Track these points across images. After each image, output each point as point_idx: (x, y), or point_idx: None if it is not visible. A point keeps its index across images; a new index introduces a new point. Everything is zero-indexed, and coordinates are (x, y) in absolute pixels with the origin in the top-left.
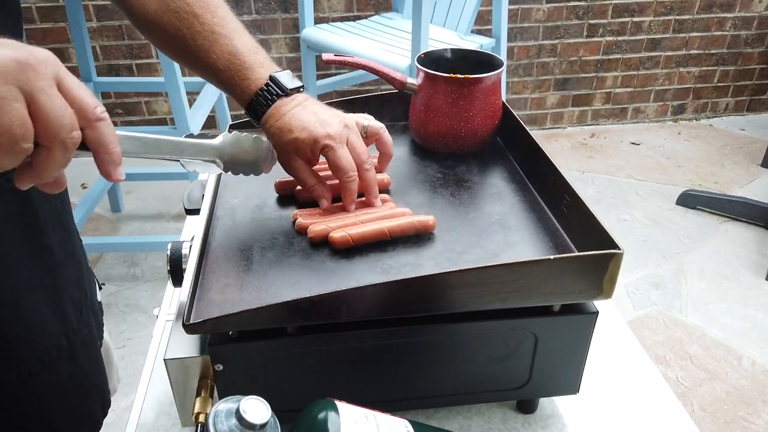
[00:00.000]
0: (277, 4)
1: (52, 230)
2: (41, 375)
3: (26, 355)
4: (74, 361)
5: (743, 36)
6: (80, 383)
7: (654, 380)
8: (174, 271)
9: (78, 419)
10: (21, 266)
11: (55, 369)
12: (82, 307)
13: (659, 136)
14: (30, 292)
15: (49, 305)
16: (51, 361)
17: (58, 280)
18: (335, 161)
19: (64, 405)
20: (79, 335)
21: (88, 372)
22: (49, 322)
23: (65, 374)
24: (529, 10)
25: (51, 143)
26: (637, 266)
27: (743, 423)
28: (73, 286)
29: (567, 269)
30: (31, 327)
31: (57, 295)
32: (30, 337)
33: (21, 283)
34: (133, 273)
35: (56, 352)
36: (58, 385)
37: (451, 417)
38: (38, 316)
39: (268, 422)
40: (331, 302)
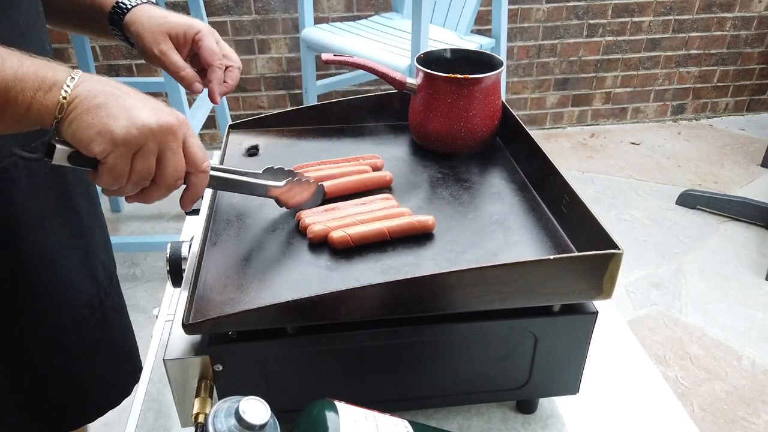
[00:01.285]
0: (276, 4)
1: (80, 197)
2: (73, 333)
3: (59, 312)
4: (105, 324)
5: (743, 36)
6: (110, 347)
7: (654, 380)
8: (173, 272)
9: (107, 382)
10: (55, 226)
11: (86, 329)
12: (112, 273)
13: (659, 136)
14: (64, 252)
15: (82, 267)
16: (83, 320)
17: (89, 244)
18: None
19: (94, 366)
20: (109, 300)
21: (118, 337)
22: (82, 283)
23: (96, 335)
24: (529, 10)
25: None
26: (637, 266)
27: (743, 423)
28: (102, 252)
29: (567, 269)
30: (64, 285)
31: (88, 258)
32: (63, 295)
33: (55, 243)
34: (133, 273)
35: (88, 312)
36: (89, 346)
37: (451, 417)
38: (71, 276)
39: (268, 422)
40: (330, 302)
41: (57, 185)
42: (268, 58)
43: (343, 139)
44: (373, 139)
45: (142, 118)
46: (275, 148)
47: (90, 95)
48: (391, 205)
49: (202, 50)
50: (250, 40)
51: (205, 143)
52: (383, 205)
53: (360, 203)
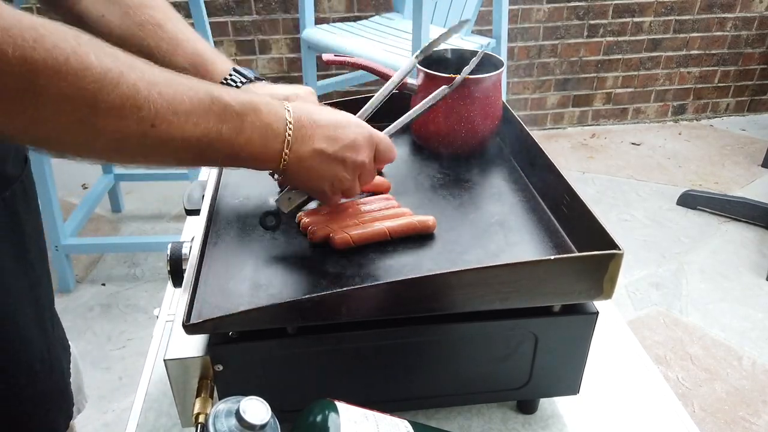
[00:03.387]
0: (277, 4)
1: (32, 247)
2: (27, 388)
3: (16, 368)
4: (53, 374)
5: (744, 36)
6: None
7: (654, 381)
8: (174, 272)
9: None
10: (13, 281)
11: (37, 381)
12: (54, 322)
13: (660, 137)
14: (21, 307)
15: (35, 319)
16: (35, 373)
17: (40, 295)
18: None
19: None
20: (54, 349)
21: (60, 384)
22: (35, 335)
23: (45, 387)
24: (530, 11)
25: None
26: (638, 266)
27: (744, 423)
28: (46, 298)
29: (567, 269)
30: (21, 341)
31: (39, 310)
32: (19, 351)
33: (14, 298)
34: (134, 273)
35: (39, 365)
36: (39, 397)
37: (452, 417)
38: (27, 330)
39: (268, 423)
40: (331, 302)
41: (13, 240)
42: (269, 59)
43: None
44: None
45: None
46: None
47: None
48: (392, 205)
49: None
50: (251, 40)
51: None
52: (384, 205)
53: (361, 203)
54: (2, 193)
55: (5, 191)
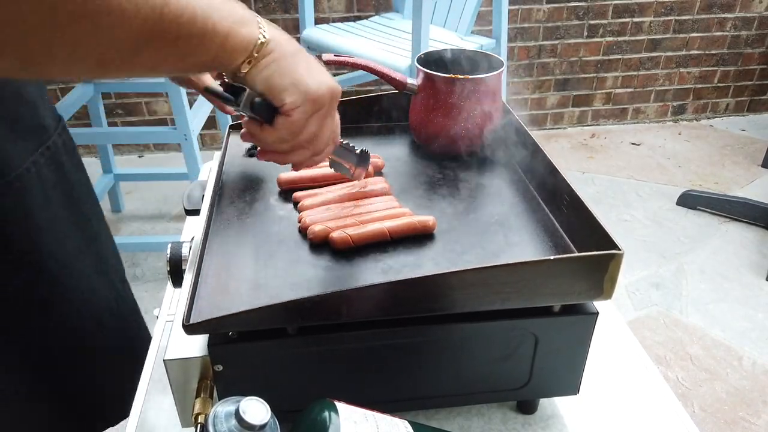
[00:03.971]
0: (277, 4)
1: (85, 202)
2: (96, 337)
3: (82, 317)
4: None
5: (743, 36)
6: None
7: (654, 381)
8: (174, 272)
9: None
10: (68, 233)
11: (108, 333)
12: (123, 278)
13: (659, 137)
14: (81, 258)
15: (97, 271)
16: (104, 324)
17: (100, 249)
18: None
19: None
20: (125, 304)
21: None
22: (100, 287)
23: (117, 340)
24: (530, 11)
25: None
26: (638, 267)
27: (744, 423)
28: (112, 257)
29: (567, 270)
30: (85, 290)
31: (102, 263)
32: (85, 300)
33: (72, 249)
34: (134, 273)
35: (108, 317)
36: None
37: (452, 418)
38: (90, 281)
39: (268, 423)
40: (331, 302)
41: (63, 189)
42: None
43: (344, 139)
44: (374, 139)
45: (327, 79)
46: None
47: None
48: (392, 205)
49: None
50: None
51: (205, 143)
52: (384, 205)
53: (361, 203)
54: (45, 141)
55: (47, 140)
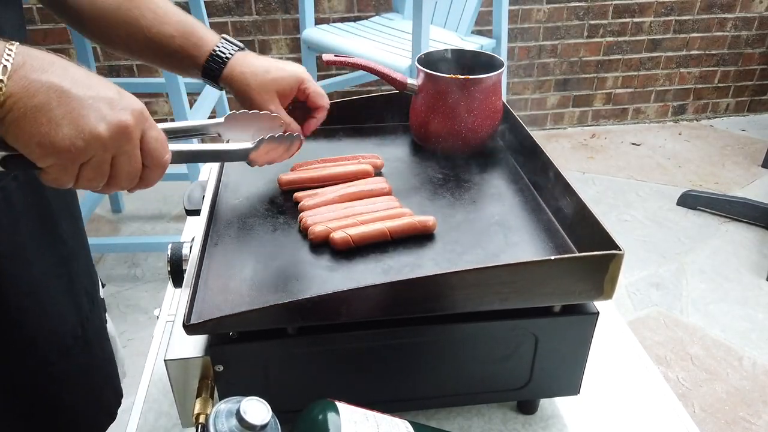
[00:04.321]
0: (277, 4)
1: (63, 221)
2: (58, 363)
3: (45, 344)
4: (89, 351)
5: (744, 36)
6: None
7: (654, 381)
8: (174, 272)
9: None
10: (38, 256)
11: (71, 358)
12: (93, 297)
13: (660, 137)
14: (47, 282)
15: (65, 294)
16: (68, 350)
17: (72, 270)
18: (317, 90)
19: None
20: (91, 326)
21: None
22: (66, 311)
23: (81, 363)
24: (530, 11)
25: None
26: (638, 267)
27: (744, 424)
28: (85, 276)
29: (567, 270)
30: (49, 316)
31: (72, 284)
32: (49, 326)
33: (39, 273)
34: (134, 274)
35: (72, 341)
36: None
37: (452, 418)
38: (56, 305)
39: (269, 423)
40: (331, 303)
41: (38, 212)
42: None
43: (344, 139)
44: (374, 139)
45: (89, 125)
46: None
47: (27, 94)
48: (392, 205)
49: (311, 96)
50: (251, 40)
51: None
52: (384, 206)
53: (361, 203)
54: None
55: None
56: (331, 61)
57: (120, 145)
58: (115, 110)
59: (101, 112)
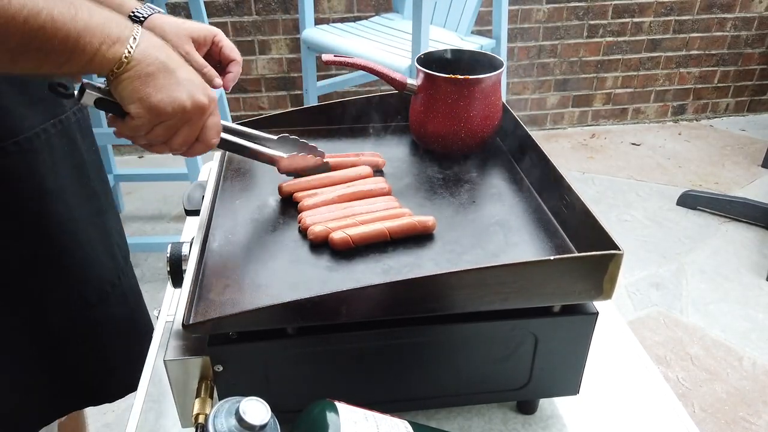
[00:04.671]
0: (277, 4)
1: (95, 178)
2: (97, 308)
3: (84, 286)
4: (126, 303)
5: (743, 36)
6: (131, 326)
7: (654, 381)
8: (174, 272)
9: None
10: (76, 203)
11: (109, 305)
12: (126, 256)
13: (659, 137)
14: (86, 228)
15: (102, 244)
16: (106, 296)
17: (107, 223)
18: (230, 44)
19: (117, 343)
20: (126, 279)
21: (137, 317)
22: (103, 259)
23: (119, 312)
24: (530, 11)
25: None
26: (638, 267)
27: (744, 424)
28: (117, 234)
29: (567, 270)
30: (88, 260)
31: (107, 236)
32: (87, 269)
33: (79, 218)
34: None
35: (110, 288)
36: (113, 322)
37: (452, 418)
38: (94, 251)
39: (268, 423)
40: (331, 303)
41: (73, 162)
42: (269, 59)
43: (344, 139)
44: (374, 139)
45: (181, 97)
46: None
47: (145, 62)
48: (392, 205)
49: (224, 48)
50: (250, 40)
51: None
52: (384, 206)
53: (361, 203)
54: (59, 114)
55: (61, 114)
56: (331, 61)
57: (192, 118)
58: (199, 93)
59: (190, 91)
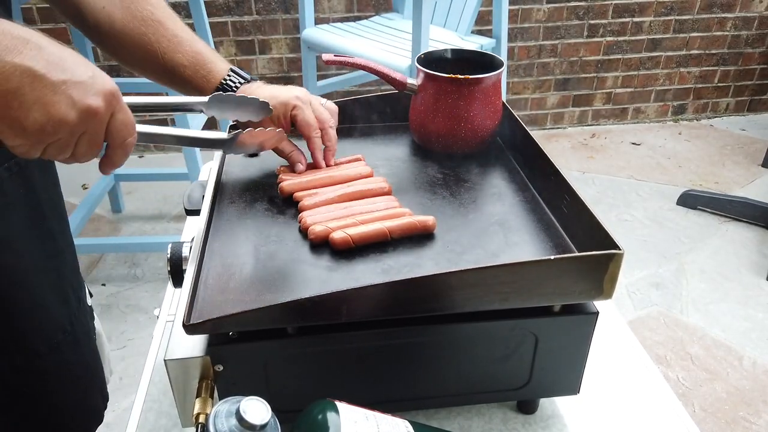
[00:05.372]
0: (277, 4)
1: (52, 217)
2: (47, 358)
3: (34, 336)
4: (77, 348)
5: (744, 36)
6: (82, 371)
7: (654, 381)
8: (174, 272)
9: (82, 408)
10: (28, 248)
11: (60, 353)
12: (80, 297)
13: (660, 137)
14: (37, 275)
15: (54, 289)
16: (57, 345)
17: (61, 266)
18: (304, 118)
19: (68, 392)
20: (78, 324)
21: (89, 360)
22: (55, 306)
23: (69, 359)
24: (530, 11)
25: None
26: (638, 266)
27: (744, 423)
28: (72, 275)
29: (567, 269)
30: (38, 308)
31: (60, 280)
32: (38, 319)
33: (29, 264)
34: (134, 274)
35: (61, 336)
36: (64, 371)
37: (452, 417)
38: (45, 299)
39: (268, 423)
40: (331, 303)
41: (28, 204)
42: (269, 59)
43: (344, 139)
44: (374, 139)
45: (60, 112)
46: None
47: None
48: (392, 205)
49: (298, 124)
50: (250, 40)
51: None
52: (384, 205)
53: (361, 203)
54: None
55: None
56: (331, 61)
57: (87, 128)
58: (86, 95)
59: (72, 99)
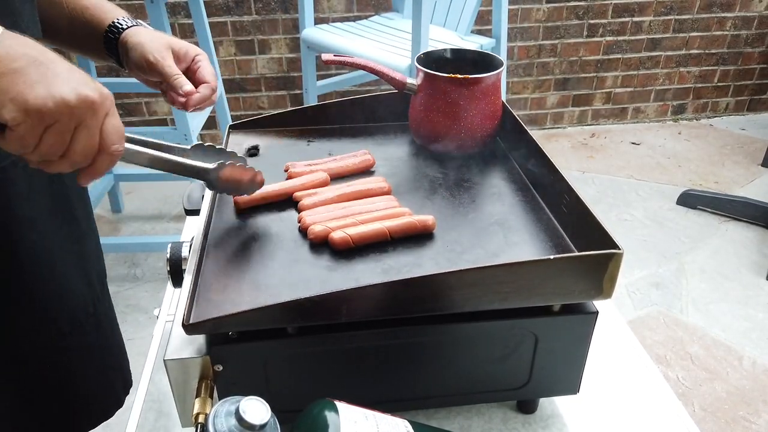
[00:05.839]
0: (277, 4)
1: (76, 202)
2: (70, 338)
3: (59, 315)
4: (99, 330)
5: (743, 36)
6: (104, 354)
7: (654, 380)
8: (174, 272)
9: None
10: (53, 229)
11: (83, 333)
12: (104, 282)
13: (659, 136)
14: (62, 256)
15: (78, 271)
16: (80, 325)
17: (85, 249)
18: (209, 68)
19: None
20: (102, 307)
21: (112, 344)
22: (78, 287)
23: (92, 341)
24: (529, 11)
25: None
26: (638, 266)
27: (744, 423)
28: (96, 259)
29: (567, 269)
30: (62, 288)
31: (84, 262)
32: (61, 298)
33: (54, 245)
34: (134, 274)
35: (84, 316)
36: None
37: (452, 417)
38: (69, 279)
39: (268, 423)
40: (331, 302)
41: (54, 188)
42: (269, 59)
43: (344, 139)
44: (374, 139)
45: (62, 91)
46: (275, 148)
47: (9, 58)
48: (392, 205)
49: (201, 69)
50: (250, 40)
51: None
52: (384, 205)
53: (360, 203)
54: None
55: None
56: (331, 61)
57: (84, 118)
58: (85, 86)
59: (72, 84)
